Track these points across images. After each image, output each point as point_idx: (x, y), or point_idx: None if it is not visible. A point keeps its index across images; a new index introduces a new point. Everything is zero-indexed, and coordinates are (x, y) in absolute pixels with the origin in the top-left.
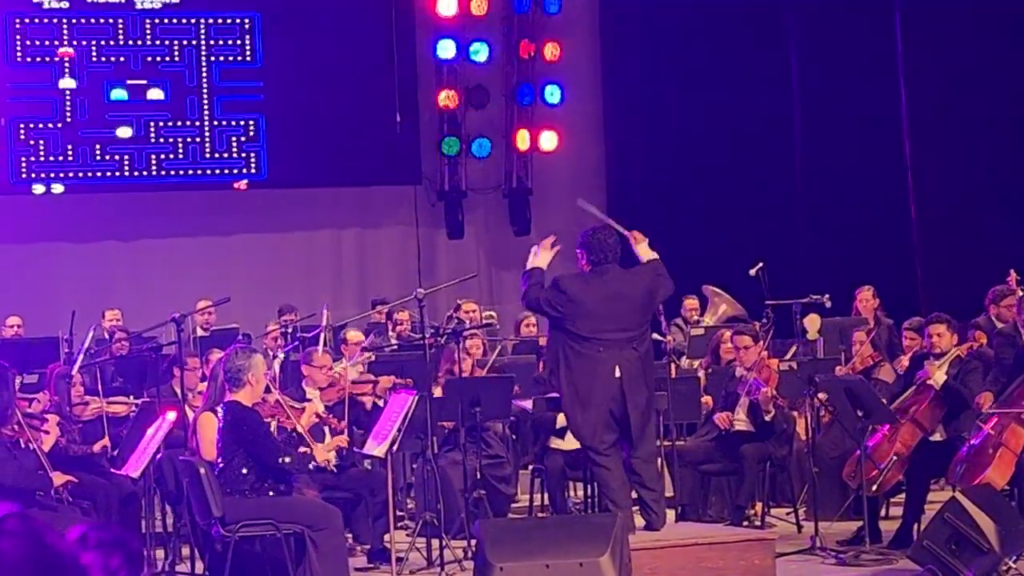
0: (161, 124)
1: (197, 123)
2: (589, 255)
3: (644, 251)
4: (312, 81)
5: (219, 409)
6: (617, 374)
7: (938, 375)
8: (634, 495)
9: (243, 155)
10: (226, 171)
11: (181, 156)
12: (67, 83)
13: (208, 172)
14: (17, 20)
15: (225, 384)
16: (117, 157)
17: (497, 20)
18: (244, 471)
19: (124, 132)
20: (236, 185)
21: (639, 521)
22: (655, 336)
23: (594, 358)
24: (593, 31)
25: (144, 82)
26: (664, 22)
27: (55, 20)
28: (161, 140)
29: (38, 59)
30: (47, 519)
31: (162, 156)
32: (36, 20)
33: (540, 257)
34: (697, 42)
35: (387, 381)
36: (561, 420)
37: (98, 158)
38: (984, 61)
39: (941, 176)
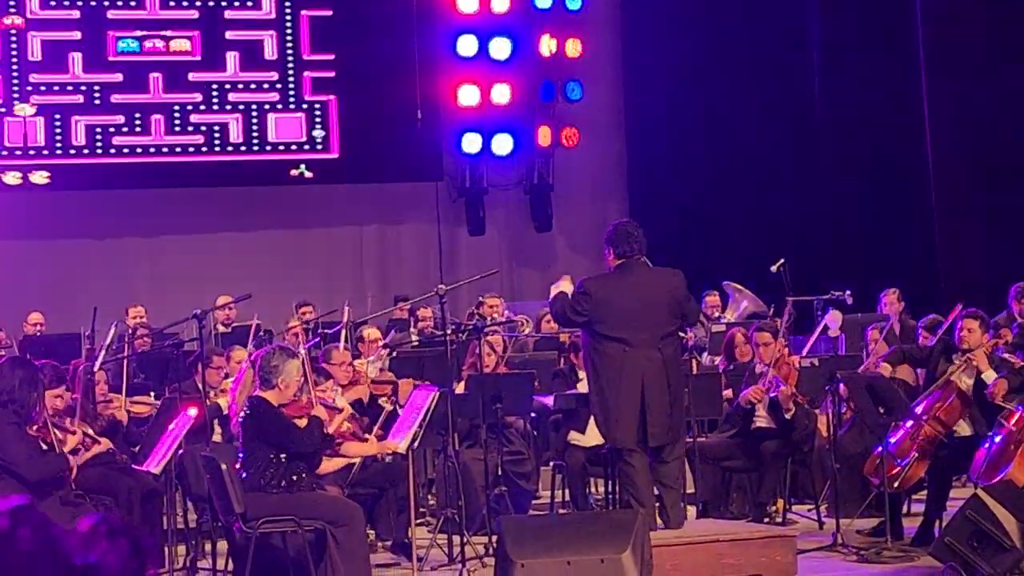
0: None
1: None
2: (616, 248)
3: None
4: (333, 77)
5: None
6: (641, 374)
7: (988, 373)
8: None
9: None
10: None
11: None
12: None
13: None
14: None
15: (256, 378)
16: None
17: (518, 16)
18: (266, 466)
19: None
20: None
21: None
22: None
23: (619, 358)
24: (615, 27)
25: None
26: (685, 18)
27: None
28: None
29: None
30: (70, 514)
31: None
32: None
33: (562, 285)
34: (718, 38)
35: (407, 386)
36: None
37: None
38: (1008, 50)
39: (963, 171)
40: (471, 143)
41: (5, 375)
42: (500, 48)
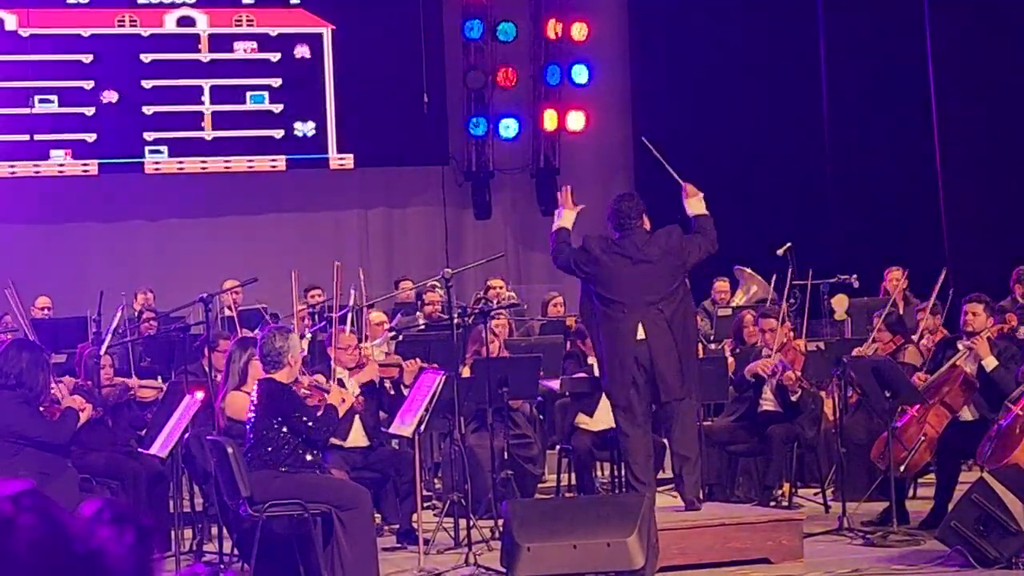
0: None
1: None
2: (612, 223)
3: (693, 205)
4: (339, 61)
5: (252, 387)
6: (640, 336)
7: (988, 360)
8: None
9: None
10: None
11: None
12: None
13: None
14: None
15: (262, 364)
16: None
17: None
18: (278, 445)
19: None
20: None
21: (663, 501)
22: None
23: (618, 320)
24: (621, 10)
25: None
26: (691, 1)
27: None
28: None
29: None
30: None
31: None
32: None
33: (565, 217)
34: (725, 21)
35: (413, 366)
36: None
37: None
38: (1015, 37)
39: (969, 155)
40: (477, 127)
41: (11, 357)
42: (507, 32)
